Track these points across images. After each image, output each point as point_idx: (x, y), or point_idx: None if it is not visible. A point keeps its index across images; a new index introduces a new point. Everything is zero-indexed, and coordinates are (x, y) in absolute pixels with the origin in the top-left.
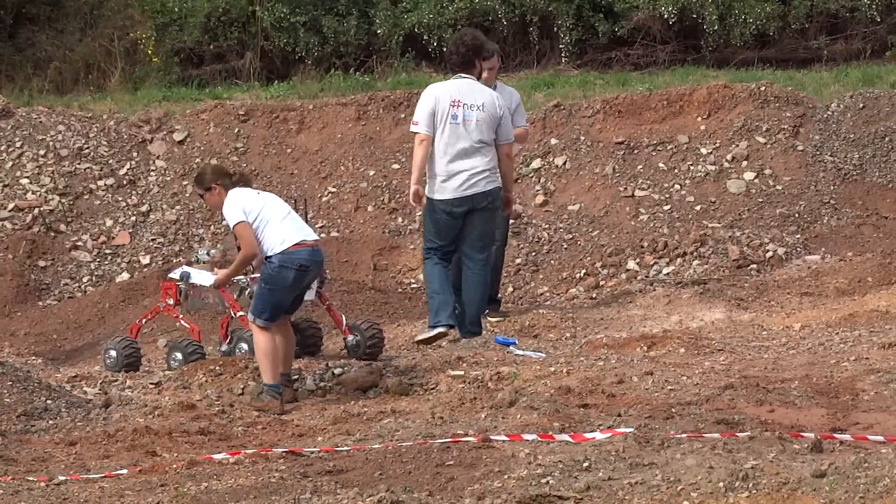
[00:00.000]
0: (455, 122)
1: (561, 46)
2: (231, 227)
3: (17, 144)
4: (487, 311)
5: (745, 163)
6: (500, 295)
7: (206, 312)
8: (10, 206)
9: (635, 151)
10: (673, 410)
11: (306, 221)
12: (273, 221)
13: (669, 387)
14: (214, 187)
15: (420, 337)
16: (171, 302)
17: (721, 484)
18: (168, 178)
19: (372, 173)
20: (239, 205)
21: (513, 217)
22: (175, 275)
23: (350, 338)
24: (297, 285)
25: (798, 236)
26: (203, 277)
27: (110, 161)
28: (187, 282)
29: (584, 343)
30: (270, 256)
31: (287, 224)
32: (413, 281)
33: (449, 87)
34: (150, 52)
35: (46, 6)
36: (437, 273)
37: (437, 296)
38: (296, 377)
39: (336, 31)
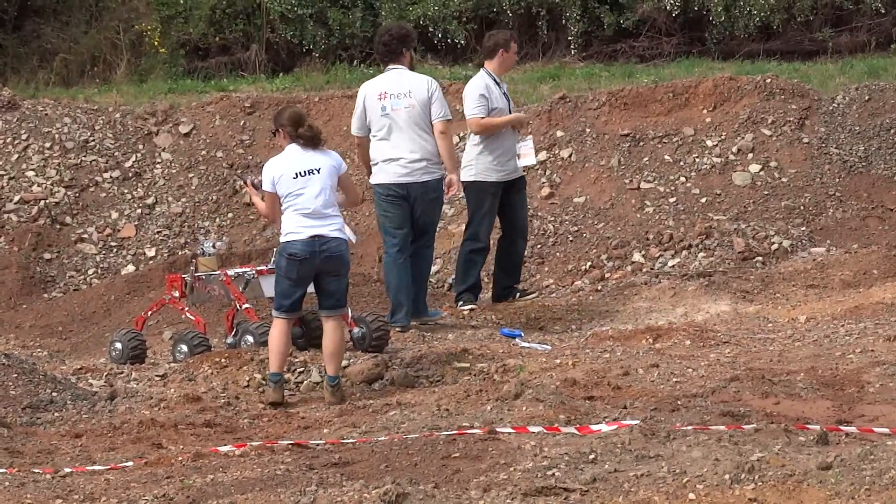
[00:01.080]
0: (386, 113)
1: (570, 38)
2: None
3: (23, 137)
4: (517, 294)
5: (750, 155)
6: (520, 285)
7: (212, 305)
8: (16, 198)
9: (641, 144)
10: (678, 402)
11: None
12: (290, 209)
13: (675, 379)
14: (280, 131)
15: None
16: (177, 294)
17: (727, 476)
18: (174, 171)
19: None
20: (271, 174)
21: (452, 195)
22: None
23: (356, 330)
24: (293, 274)
25: (803, 228)
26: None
27: (116, 153)
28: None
29: (589, 335)
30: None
31: (298, 214)
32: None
33: (376, 81)
34: (156, 43)
35: None
36: (395, 270)
37: (392, 294)
38: (301, 369)
39: (342, 24)
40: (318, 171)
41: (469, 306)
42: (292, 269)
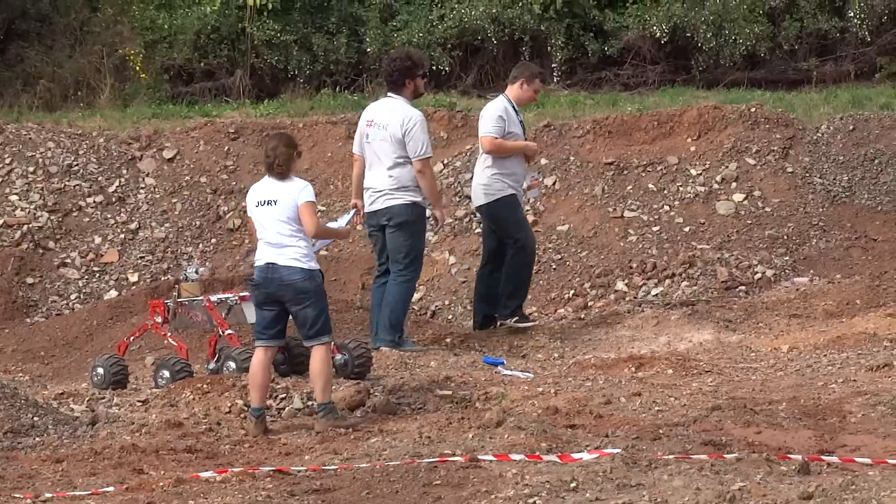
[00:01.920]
0: (367, 141)
1: (553, 66)
2: None
3: (7, 161)
4: (515, 319)
5: (734, 184)
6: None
7: (194, 330)
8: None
9: (625, 172)
10: (660, 431)
11: None
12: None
13: (657, 408)
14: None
15: None
16: (159, 320)
17: None
18: (157, 196)
19: None
20: (248, 199)
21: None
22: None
23: (338, 357)
24: (254, 299)
25: (787, 258)
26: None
27: (100, 178)
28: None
29: (572, 364)
30: None
31: (261, 241)
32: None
33: (372, 107)
34: (138, 68)
35: (36, 23)
36: (375, 296)
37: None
38: (283, 395)
39: (326, 50)
40: (275, 203)
41: (528, 324)
42: (253, 294)
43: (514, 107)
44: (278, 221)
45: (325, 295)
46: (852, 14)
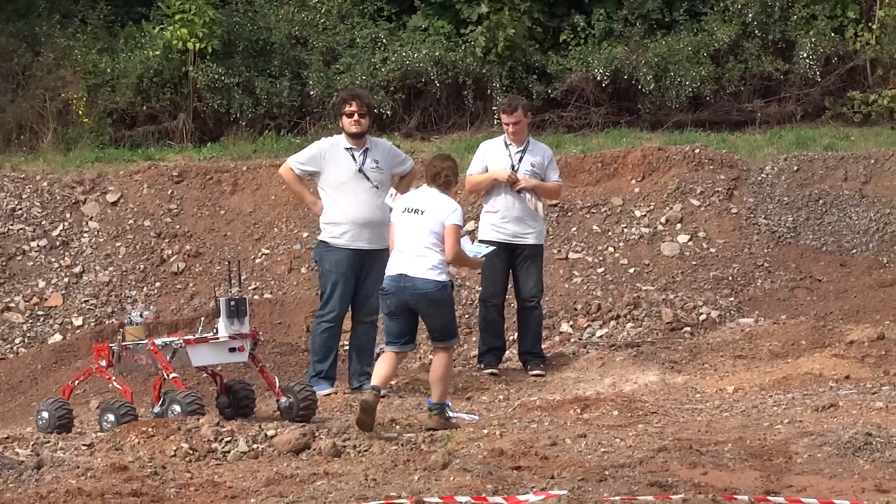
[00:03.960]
0: None
1: (494, 108)
2: None
3: None
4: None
5: (679, 225)
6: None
7: (139, 374)
8: None
9: (569, 214)
10: (606, 473)
11: (239, 283)
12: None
13: (603, 449)
14: None
15: None
16: (104, 363)
17: None
18: (101, 240)
19: (305, 235)
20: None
21: None
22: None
23: (283, 400)
24: (384, 308)
25: (732, 299)
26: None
27: (43, 222)
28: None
29: (517, 405)
30: None
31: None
32: (345, 343)
33: None
34: (80, 112)
35: None
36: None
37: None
38: (228, 438)
39: (269, 93)
40: (422, 213)
41: (489, 370)
42: (384, 303)
43: (505, 142)
44: (420, 231)
45: (454, 302)
46: (804, 55)
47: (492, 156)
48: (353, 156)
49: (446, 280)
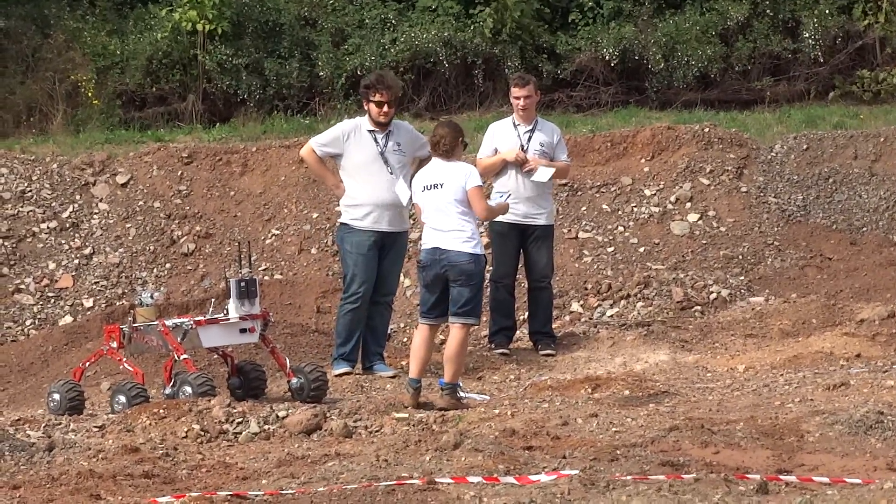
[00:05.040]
0: None
1: (504, 88)
2: None
3: None
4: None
5: (688, 204)
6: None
7: (150, 355)
8: None
9: (579, 193)
10: (618, 452)
11: (249, 264)
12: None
13: (614, 429)
14: None
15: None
16: (115, 345)
17: None
18: (111, 221)
19: (315, 216)
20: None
21: None
22: None
23: (294, 381)
24: (420, 280)
25: (742, 278)
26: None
27: (53, 204)
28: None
29: (528, 385)
30: None
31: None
32: None
33: None
34: (90, 94)
35: None
36: None
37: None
38: (240, 420)
39: (278, 74)
40: (442, 186)
41: (500, 350)
42: (420, 275)
43: (514, 123)
44: (446, 205)
45: (483, 280)
46: (807, 35)
47: (501, 136)
48: (375, 138)
49: (481, 253)
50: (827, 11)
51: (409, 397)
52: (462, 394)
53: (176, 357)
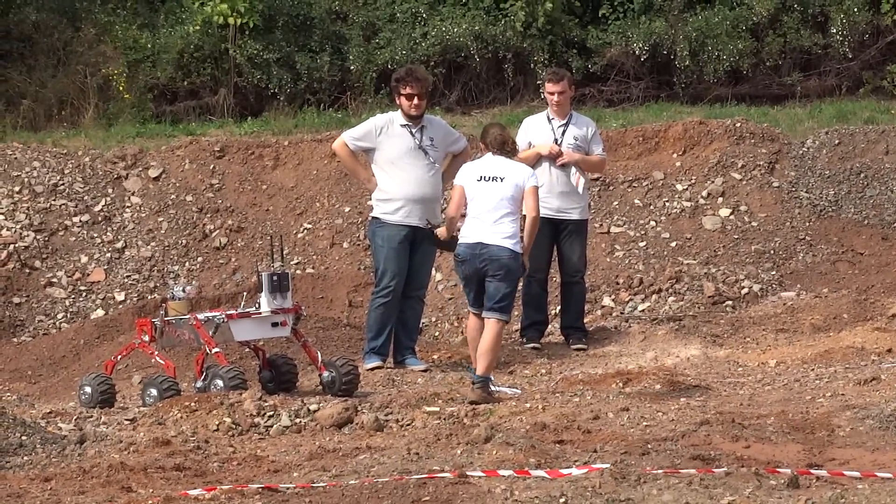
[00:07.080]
0: None
1: (538, 82)
2: None
3: None
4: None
5: (720, 199)
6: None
7: (182, 349)
8: None
9: (611, 188)
10: (649, 446)
11: (282, 258)
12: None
13: (645, 423)
14: None
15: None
16: (147, 338)
17: None
18: (143, 215)
19: (347, 210)
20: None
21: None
22: None
23: (325, 374)
24: (458, 273)
25: (773, 273)
26: None
27: (85, 197)
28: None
29: (559, 379)
30: None
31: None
32: None
33: None
34: (121, 88)
35: (18, 42)
36: None
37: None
38: (271, 413)
39: (309, 68)
40: (502, 180)
41: (531, 344)
42: (459, 269)
43: (548, 117)
44: (500, 199)
45: (520, 278)
46: (835, 31)
47: (535, 131)
48: (411, 132)
49: (520, 251)
50: (855, 9)
51: (474, 393)
52: (493, 387)
53: (208, 350)
